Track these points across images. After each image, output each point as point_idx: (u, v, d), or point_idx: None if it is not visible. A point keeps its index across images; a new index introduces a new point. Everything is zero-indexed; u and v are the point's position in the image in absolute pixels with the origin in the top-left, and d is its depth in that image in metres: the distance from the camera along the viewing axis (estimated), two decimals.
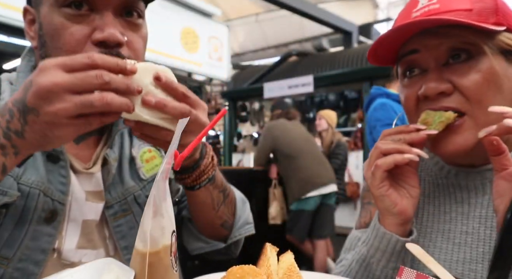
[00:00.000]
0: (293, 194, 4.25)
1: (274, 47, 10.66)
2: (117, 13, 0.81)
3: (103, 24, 0.78)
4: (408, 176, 0.79)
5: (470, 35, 0.74)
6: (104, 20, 0.79)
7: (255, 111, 8.33)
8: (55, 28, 0.79)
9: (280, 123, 4.41)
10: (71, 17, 0.78)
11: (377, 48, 0.84)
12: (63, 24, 0.78)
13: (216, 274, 0.68)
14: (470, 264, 0.78)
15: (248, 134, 9.33)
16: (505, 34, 0.76)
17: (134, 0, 0.83)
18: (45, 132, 0.63)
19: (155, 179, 0.58)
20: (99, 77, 0.61)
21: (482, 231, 0.79)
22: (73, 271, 0.60)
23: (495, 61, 0.75)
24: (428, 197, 0.89)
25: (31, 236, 0.79)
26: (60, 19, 0.78)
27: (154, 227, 0.57)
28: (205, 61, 6.93)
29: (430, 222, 0.87)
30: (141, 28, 0.86)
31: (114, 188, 0.92)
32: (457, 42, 0.75)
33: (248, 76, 8.12)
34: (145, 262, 0.56)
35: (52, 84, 0.59)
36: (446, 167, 0.88)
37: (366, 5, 8.79)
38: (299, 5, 6.00)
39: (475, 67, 0.74)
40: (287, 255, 0.72)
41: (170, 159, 0.61)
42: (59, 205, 0.82)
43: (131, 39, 0.82)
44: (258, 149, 4.63)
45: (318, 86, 5.99)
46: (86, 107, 0.61)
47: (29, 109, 0.62)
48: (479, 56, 0.75)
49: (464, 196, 0.83)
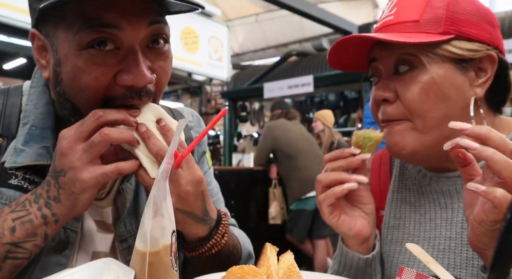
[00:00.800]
0: (293, 194, 4.25)
1: (274, 47, 10.65)
2: (144, 44, 0.74)
3: (129, 66, 0.72)
4: (360, 195, 0.81)
5: (410, 47, 0.76)
6: (131, 61, 0.72)
7: (255, 111, 8.32)
8: (78, 71, 0.72)
9: (280, 123, 4.41)
10: (95, 58, 0.71)
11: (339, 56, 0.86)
12: (87, 67, 0.71)
13: (216, 274, 0.68)
14: (454, 270, 0.79)
15: (248, 134, 9.33)
16: (453, 43, 0.76)
17: (160, 27, 0.76)
18: (72, 190, 0.70)
19: (155, 179, 0.58)
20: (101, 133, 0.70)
21: (465, 236, 0.79)
22: (73, 271, 0.60)
23: (438, 71, 0.75)
24: (414, 206, 0.89)
25: (41, 267, 0.77)
26: (83, 62, 0.71)
27: (154, 227, 0.57)
28: (205, 61, 6.93)
29: (417, 231, 0.87)
30: (168, 54, 0.80)
31: (129, 219, 0.89)
32: (400, 54, 0.78)
33: (248, 76, 8.11)
34: (145, 261, 0.56)
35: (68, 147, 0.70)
36: (428, 174, 0.87)
37: (366, 5, 8.78)
38: (299, 5, 5.99)
39: (416, 79, 0.76)
40: (287, 255, 0.72)
41: (170, 158, 0.61)
42: (71, 233, 0.81)
43: (158, 73, 0.77)
44: (258, 148, 4.63)
45: (318, 86, 5.98)
46: (91, 146, 0.69)
47: (58, 172, 0.70)
48: (421, 67, 0.76)
49: (447, 201, 0.84)
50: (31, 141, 0.79)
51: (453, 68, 0.76)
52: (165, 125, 0.76)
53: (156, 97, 0.80)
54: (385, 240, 0.91)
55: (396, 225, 0.90)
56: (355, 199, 0.81)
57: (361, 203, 0.81)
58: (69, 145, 0.70)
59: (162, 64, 0.78)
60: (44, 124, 0.81)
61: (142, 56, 0.73)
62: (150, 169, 0.73)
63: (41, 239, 0.71)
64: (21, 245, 0.70)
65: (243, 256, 0.97)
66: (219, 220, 0.85)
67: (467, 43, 0.76)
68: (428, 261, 0.64)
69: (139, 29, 0.72)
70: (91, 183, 0.69)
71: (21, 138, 0.79)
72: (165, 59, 0.79)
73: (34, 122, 0.81)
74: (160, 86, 0.79)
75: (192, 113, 1.07)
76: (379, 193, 0.97)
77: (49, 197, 0.71)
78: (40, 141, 0.80)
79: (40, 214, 0.70)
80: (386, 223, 0.92)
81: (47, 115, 0.82)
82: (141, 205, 0.91)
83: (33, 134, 0.80)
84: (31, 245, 0.70)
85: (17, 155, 0.77)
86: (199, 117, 1.07)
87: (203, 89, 9.88)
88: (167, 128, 0.76)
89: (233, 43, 9.40)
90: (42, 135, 0.80)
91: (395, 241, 0.89)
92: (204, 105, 10.00)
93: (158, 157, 0.72)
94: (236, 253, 0.93)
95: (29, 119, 0.81)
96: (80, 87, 0.73)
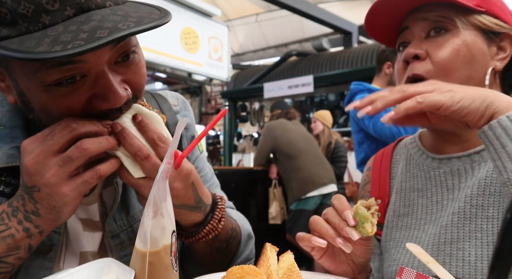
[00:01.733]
0: (293, 194, 4.25)
1: (274, 47, 10.65)
2: (112, 62, 0.70)
3: (103, 91, 0.67)
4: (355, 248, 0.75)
5: (447, 10, 0.85)
6: (103, 84, 0.67)
7: (255, 111, 8.32)
8: (46, 105, 0.68)
9: (280, 123, 4.41)
10: (63, 92, 0.66)
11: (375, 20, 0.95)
12: (55, 100, 0.67)
13: (216, 274, 0.68)
14: (457, 243, 0.81)
15: (248, 134, 9.34)
16: (484, 16, 0.85)
17: (125, 43, 0.70)
18: (52, 205, 0.66)
19: (155, 179, 0.58)
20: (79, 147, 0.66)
21: (467, 210, 0.82)
22: (74, 270, 0.60)
23: (469, 36, 0.85)
24: (421, 191, 0.92)
25: (24, 272, 0.74)
26: (50, 97, 0.66)
27: (154, 227, 0.57)
28: (205, 61, 6.93)
29: (424, 214, 0.90)
30: (138, 62, 0.74)
31: (119, 214, 0.85)
32: (436, 16, 0.86)
33: (248, 76, 8.11)
34: (145, 261, 0.56)
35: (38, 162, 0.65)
36: (436, 158, 0.93)
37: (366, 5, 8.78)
38: (299, 5, 6.00)
39: (448, 40, 0.85)
40: (287, 255, 0.72)
41: (170, 158, 0.61)
42: (54, 235, 0.76)
43: (133, 81, 0.73)
44: (258, 148, 4.63)
45: (318, 86, 5.99)
46: (67, 161, 0.65)
47: (30, 187, 0.66)
48: (454, 31, 0.85)
49: (455, 182, 0.88)
50: (0, 141, 0.74)
51: (481, 37, 0.86)
52: (141, 120, 0.72)
53: (138, 99, 0.76)
54: (395, 226, 0.94)
55: (405, 212, 0.93)
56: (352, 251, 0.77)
57: (353, 254, 0.77)
58: (37, 160, 0.65)
59: (134, 71, 0.74)
60: (12, 123, 0.76)
61: (112, 75, 0.68)
62: (132, 169, 0.71)
63: (25, 251, 0.68)
64: (3, 259, 0.67)
65: (243, 238, 0.96)
66: (214, 205, 0.83)
67: (494, 19, 0.86)
68: (428, 261, 0.64)
69: (103, 54, 0.66)
70: (73, 195, 0.66)
71: None
72: (136, 66, 0.74)
73: (2, 122, 0.76)
74: (139, 89, 0.75)
75: (177, 97, 1.03)
76: (378, 184, 1.03)
77: (26, 211, 0.67)
78: (10, 141, 0.74)
79: (21, 228, 0.67)
80: (396, 211, 0.95)
81: (15, 114, 0.77)
82: (130, 198, 0.87)
83: (1, 134, 0.75)
84: (14, 258, 0.68)
85: None
86: (184, 100, 1.03)
87: (203, 89, 9.89)
88: (143, 124, 0.72)
89: (233, 43, 9.40)
90: (11, 135, 0.75)
91: (405, 227, 0.92)
92: (204, 105, 10.02)
93: (137, 157, 0.70)
94: (236, 235, 0.92)
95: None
96: (54, 116, 0.68)
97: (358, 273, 0.80)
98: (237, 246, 0.94)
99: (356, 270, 0.80)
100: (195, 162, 1.01)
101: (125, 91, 0.70)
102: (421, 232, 0.88)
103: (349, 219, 0.71)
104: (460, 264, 0.80)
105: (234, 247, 0.93)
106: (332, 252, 0.80)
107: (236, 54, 10.86)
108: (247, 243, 1.00)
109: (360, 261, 0.78)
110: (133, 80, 0.73)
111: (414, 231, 0.90)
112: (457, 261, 0.80)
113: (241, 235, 0.95)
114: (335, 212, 0.74)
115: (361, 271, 0.80)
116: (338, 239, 0.72)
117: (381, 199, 0.99)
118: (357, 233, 0.70)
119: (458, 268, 0.80)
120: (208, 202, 0.81)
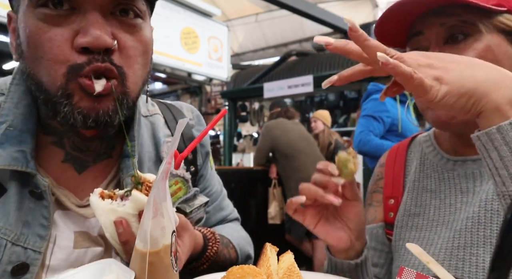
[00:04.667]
0: (292, 194, 4.24)
1: (274, 47, 10.63)
2: (107, 12, 0.68)
3: (86, 25, 0.65)
4: (347, 211, 0.79)
5: (468, 14, 0.78)
6: (88, 21, 0.65)
7: (255, 111, 8.31)
8: (31, 34, 0.66)
9: (280, 123, 4.40)
10: (49, 18, 0.65)
11: (383, 27, 0.87)
12: (39, 27, 0.65)
13: (216, 274, 0.68)
14: (471, 248, 0.80)
15: (248, 134, 9.33)
16: (506, 15, 0.79)
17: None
18: None
19: (155, 179, 0.58)
20: None
21: (482, 215, 0.80)
22: (75, 271, 0.60)
23: (493, 40, 0.78)
24: (434, 192, 0.91)
25: None
26: (35, 22, 0.65)
27: (154, 227, 0.57)
28: (205, 61, 6.92)
29: (436, 216, 0.89)
30: (139, 30, 0.72)
31: None
32: (456, 21, 0.79)
33: (248, 76, 8.10)
34: (145, 261, 0.56)
35: None
36: (451, 160, 0.90)
37: (366, 5, 8.77)
38: (299, 5, 5.99)
39: (471, 46, 0.78)
40: (287, 255, 0.72)
41: (170, 159, 0.60)
42: (32, 254, 0.70)
43: (124, 44, 0.69)
44: (257, 148, 4.62)
45: (318, 86, 5.98)
46: None
47: None
48: (476, 35, 0.78)
49: (469, 185, 0.85)
50: (7, 142, 0.71)
51: (505, 39, 0.80)
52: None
53: (125, 76, 0.70)
54: (405, 226, 0.93)
55: (417, 212, 0.92)
56: (342, 213, 0.80)
57: (346, 218, 0.80)
58: None
59: (132, 38, 0.70)
60: (23, 126, 0.73)
61: (103, 20, 0.66)
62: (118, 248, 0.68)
63: None
64: None
65: (239, 262, 0.96)
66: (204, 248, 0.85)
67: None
68: (429, 261, 0.64)
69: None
70: None
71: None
72: (137, 33, 0.71)
73: (13, 123, 0.72)
74: (129, 62, 0.70)
75: (192, 110, 1.03)
76: (391, 183, 1.00)
77: None
78: (18, 144, 0.71)
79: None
80: (407, 210, 0.94)
81: (28, 118, 0.74)
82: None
83: (10, 136, 0.71)
84: None
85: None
86: (199, 115, 1.04)
87: (203, 89, 9.87)
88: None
89: (233, 43, 9.39)
90: (20, 139, 0.72)
91: (415, 228, 0.91)
92: (204, 105, 10.00)
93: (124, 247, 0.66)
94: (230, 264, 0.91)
95: (7, 118, 0.72)
96: (39, 55, 0.66)
97: (355, 239, 0.80)
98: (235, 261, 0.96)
99: (353, 236, 0.80)
100: (206, 176, 1.02)
101: (110, 38, 0.66)
102: (433, 234, 0.87)
103: (333, 170, 0.73)
104: (473, 270, 0.79)
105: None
106: (326, 220, 0.80)
107: (236, 54, 10.84)
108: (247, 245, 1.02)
109: (354, 225, 0.79)
110: (124, 44, 0.69)
111: (426, 232, 0.89)
112: (470, 266, 0.79)
113: (238, 260, 0.96)
114: (320, 173, 0.76)
115: (357, 237, 0.80)
116: (327, 195, 0.73)
117: (394, 198, 0.98)
118: (342, 178, 0.73)
119: (471, 274, 0.79)
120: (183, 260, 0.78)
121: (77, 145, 0.78)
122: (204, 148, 1.01)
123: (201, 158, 1.00)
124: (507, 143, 0.56)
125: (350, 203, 0.78)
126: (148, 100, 0.93)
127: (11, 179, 0.71)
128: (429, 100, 0.58)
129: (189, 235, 0.78)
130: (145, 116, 0.91)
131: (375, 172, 1.09)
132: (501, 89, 0.57)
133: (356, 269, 0.82)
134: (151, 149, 0.88)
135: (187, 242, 0.77)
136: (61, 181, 0.77)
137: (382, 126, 3.00)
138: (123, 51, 0.69)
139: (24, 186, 0.72)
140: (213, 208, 1.05)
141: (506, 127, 0.55)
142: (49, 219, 0.72)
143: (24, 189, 0.72)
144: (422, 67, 0.58)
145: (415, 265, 0.85)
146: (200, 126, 1.01)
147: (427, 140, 0.99)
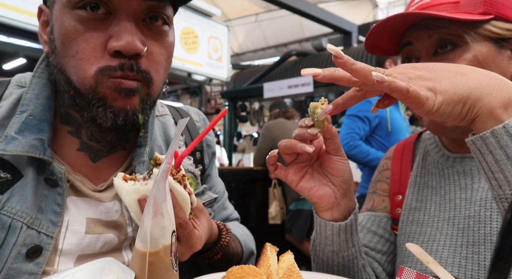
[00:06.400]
0: (292, 194, 4.24)
1: (274, 47, 10.65)
2: (139, 18, 0.72)
3: (120, 31, 0.69)
4: (330, 166, 0.78)
5: (454, 26, 0.80)
6: (122, 26, 0.69)
7: (255, 111, 8.31)
8: (67, 33, 0.70)
9: (279, 123, 4.41)
10: (86, 21, 0.69)
11: (374, 40, 0.90)
12: (76, 28, 0.69)
13: (216, 274, 0.68)
14: (473, 246, 0.81)
15: (248, 134, 9.34)
16: (493, 23, 0.80)
17: (159, 4, 0.73)
18: None
19: (155, 179, 0.58)
20: None
21: (482, 213, 0.82)
22: (75, 270, 0.60)
23: (481, 49, 0.79)
24: (435, 188, 0.93)
25: (5, 275, 0.69)
26: (72, 22, 0.69)
27: (154, 227, 0.57)
28: (205, 61, 6.93)
29: (437, 212, 0.90)
30: (166, 36, 0.76)
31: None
32: (442, 34, 0.81)
33: (248, 76, 8.11)
34: (145, 261, 0.56)
35: None
36: (451, 156, 0.92)
37: (366, 5, 8.79)
38: (299, 5, 6.00)
39: (459, 57, 0.80)
40: (287, 255, 0.72)
41: (170, 158, 0.61)
42: (45, 238, 0.72)
43: (152, 50, 0.73)
44: (257, 148, 4.63)
45: (318, 86, 5.98)
46: None
47: None
48: (464, 46, 0.80)
49: (468, 182, 0.87)
50: (27, 130, 0.73)
51: (493, 47, 0.80)
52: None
53: (151, 81, 0.74)
54: (406, 221, 0.95)
55: (418, 207, 0.94)
56: (326, 168, 0.79)
57: (330, 174, 0.78)
58: None
59: (158, 44, 0.74)
60: (43, 116, 0.76)
61: (135, 27, 0.70)
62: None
63: None
64: None
65: (244, 257, 0.98)
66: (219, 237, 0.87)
67: (505, 23, 0.80)
68: (429, 261, 0.64)
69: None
70: None
71: (14, 126, 0.73)
72: (163, 39, 0.75)
73: (33, 113, 0.75)
74: (155, 67, 0.74)
75: (199, 114, 1.06)
76: (399, 180, 1.01)
77: None
78: (36, 132, 0.74)
79: None
80: (408, 205, 0.96)
81: (47, 109, 0.77)
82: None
83: (30, 124, 0.74)
84: None
85: (7, 142, 0.71)
86: (205, 118, 1.06)
87: (203, 89, 9.88)
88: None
89: (232, 43, 9.41)
90: (39, 127, 0.75)
91: (416, 222, 0.93)
92: (204, 105, 10.00)
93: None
94: (236, 258, 0.95)
95: (28, 108, 0.76)
96: (71, 53, 0.70)
97: (340, 197, 0.79)
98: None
99: (338, 193, 0.78)
100: (212, 176, 1.05)
101: (141, 43, 0.70)
102: (435, 230, 0.89)
103: (308, 120, 0.73)
104: (475, 268, 0.80)
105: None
106: (310, 177, 0.80)
107: (236, 54, 10.86)
108: (247, 261, 1.03)
109: (338, 181, 0.78)
110: (153, 51, 0.74)
111: (427, 228, 0.90)
112: (472, 264, 0.81)
113: (243, 255, 0.98)
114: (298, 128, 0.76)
115: (343, 195, 0.79)
116: (300, 144, 0.73)
117: (402, 194, 0.99)
118: (316, 129, 0.73)
119: (473, 272, 0.80)
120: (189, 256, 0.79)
121: (95, 135, 0.81)
122: (210, 148, 1.04)
123: (208, 157, 1.03)
124: (502, 146, 0.56)
125: (333, 158, 0.77)
126: (158, 102, 0.97)
127: (28, 165, 0.73)
128: (427, 111, 0.57)
129: (206, 218, 0.81)
130: (157, 116, 0.95)
131: (380, 163, 1.10)
132: (493, 92, 0.57)
133: (339, 233, 0.80)
134: (162, 145, 0.91)
135: (205, 223, 0.79)
136: (76, 167, 0.80)
137: (368, 127, 2.96)
138: (150, 56, 0.73)
139: (40, 173, 0.74)
140: (217, 207, 1.07)
141: (500, 131, 0.56)
142: (62, 205, 0.75)
143: (40, 175, 0.74)
144: (414, 80, 0.58)
145: (418, 262, 0.86)
146: None
147: (431, 137, 1.01)
